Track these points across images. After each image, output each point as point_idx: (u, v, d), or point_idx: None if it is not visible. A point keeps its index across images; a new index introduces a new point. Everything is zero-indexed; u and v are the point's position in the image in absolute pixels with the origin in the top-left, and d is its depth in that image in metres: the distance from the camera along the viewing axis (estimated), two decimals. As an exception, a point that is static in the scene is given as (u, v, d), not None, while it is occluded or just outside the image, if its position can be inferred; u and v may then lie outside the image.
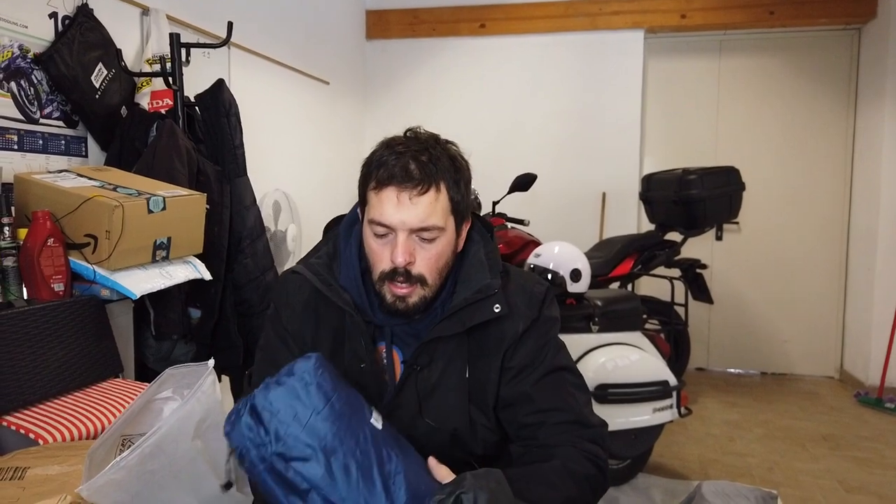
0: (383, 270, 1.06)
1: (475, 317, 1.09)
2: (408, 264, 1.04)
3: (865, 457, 3.29)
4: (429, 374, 1.11)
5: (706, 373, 4.90)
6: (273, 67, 3.64)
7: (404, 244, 1.04)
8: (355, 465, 0.88)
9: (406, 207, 1.03)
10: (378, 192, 1.05)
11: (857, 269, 4.55)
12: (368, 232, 1.08)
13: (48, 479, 1.09)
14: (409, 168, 1.03)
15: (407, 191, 1.02)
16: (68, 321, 1.72)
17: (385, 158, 1.05)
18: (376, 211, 1.05)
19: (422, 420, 1.11)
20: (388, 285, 1.07)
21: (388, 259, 1.05)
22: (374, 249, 1.08)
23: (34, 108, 2.10)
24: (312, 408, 0.89)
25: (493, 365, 1.12)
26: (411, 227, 1.03)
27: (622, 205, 4.72)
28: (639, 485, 2.91)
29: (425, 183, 1.03)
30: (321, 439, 0.88)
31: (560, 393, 1.12)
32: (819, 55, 4.64)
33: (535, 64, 4.80)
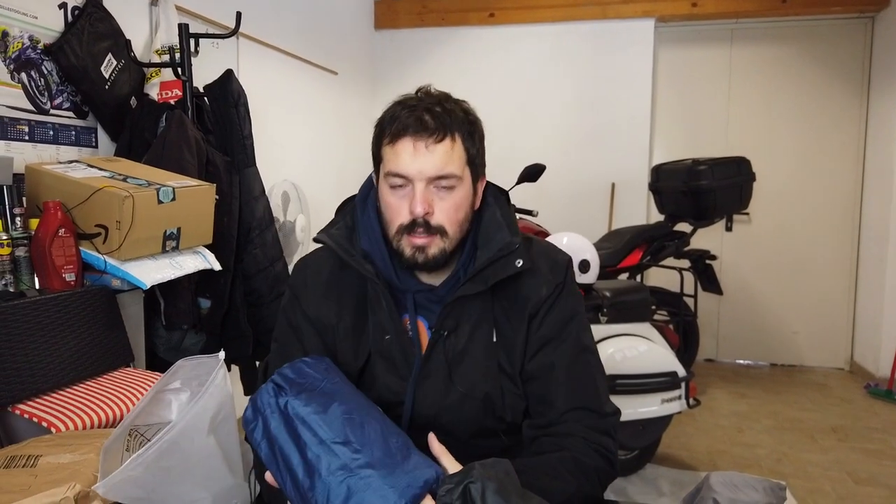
0: (402, 223, 1.05)
1: (498, 273, 1.08)
2: (426, 214, 1.03)
3: (875, 448, 3.28)
4: (456, 339, 1.10)
5: (715, 364, 4.89)
6: (281, 58, 3.64)
7: (422, 194, 1.02)
8: (366, 420, 0.92)
9: (422, 155, 1.02)
10: (393, 145, 1.04)
11: (868, 260, 4.51)
12: (385, 188, 1.06)
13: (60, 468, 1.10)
14: (423, 118, 1.03)
15: (423, 139, 1.02)
16: (79, 311, 1.74)
17: (398, 113, 1.06)
18: (392, 163, 1.04)
19: (453, 387, 1.09)
20: (406, 238, 1.05)
21: (407, 212, 1.04)
22: (391, 204, 1.06)
23: (45, 98, 2.11)
24: (325, 378, 0.96)
25: (519, 329, 1.10)
26: (429, 176, 1.02)
27: (631, 195, 4.70)
28: (647, 475, 2.91)
29: (440, 132, 1.03)
30: (335, 396, 0.94)
31: (581, 374, 1.11)
32: (832, 44, 4.59)
33: (545, 54, 4.78)
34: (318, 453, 0.88)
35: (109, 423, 1.57)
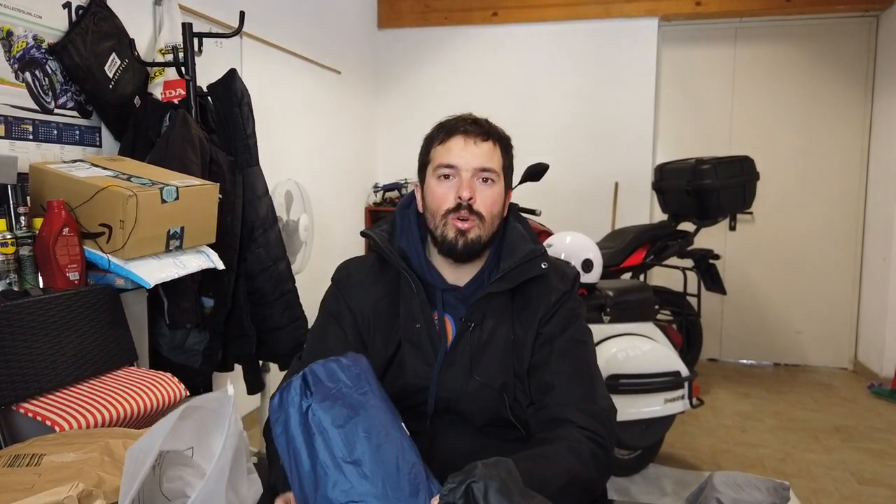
0: (448, 207, 1.19)
1: (525, 273, 1.21)
2: (470, 199, 1.18)
3: (879, 448, 3.27)
4: (480, 331, 1.21)
5: (718, 364, 4.89)
6: (285, 57, 3.64)
7: (468, 181, 1.19)
8: (384, 442, 0.92)
9: (471, 149, 1.20)
10: (444, 143, 1.22)
11: (872, 259, 4.50)
12: (433, 181, 1.22)
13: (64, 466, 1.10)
14: (469, 124, 1.22)
15: (472, 137, 1.20)
16: (83, 310, 1.74)
17: (446, 123, 1.24)
18: (443, 157, 1.21)
19: (472, 377, 1.19)
20: (451, 220, 1.19)
21: (453, 198, 1.19)
22: (438, 194, 1.21)
23: (49, 98, 2.11)
24: (355, 387, 0.97)
25: (530, 328, 1.22)
26: (475, 167, 1.19)
27: (635, 194, 4.69)
28: (650, 475, 2.91)
29: (485, 134, 1.22)
30: (360, 409, 0.94)
31: (576, 363, 1.20)
32: (836, 43, 4.58)
33: (548, 52, 4.77)
34: (327, 468, 0.88)
35: (113, 422, 1.58)
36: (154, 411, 1.72)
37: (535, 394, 1.19)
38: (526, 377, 1.21)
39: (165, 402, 1.75)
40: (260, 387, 2.72)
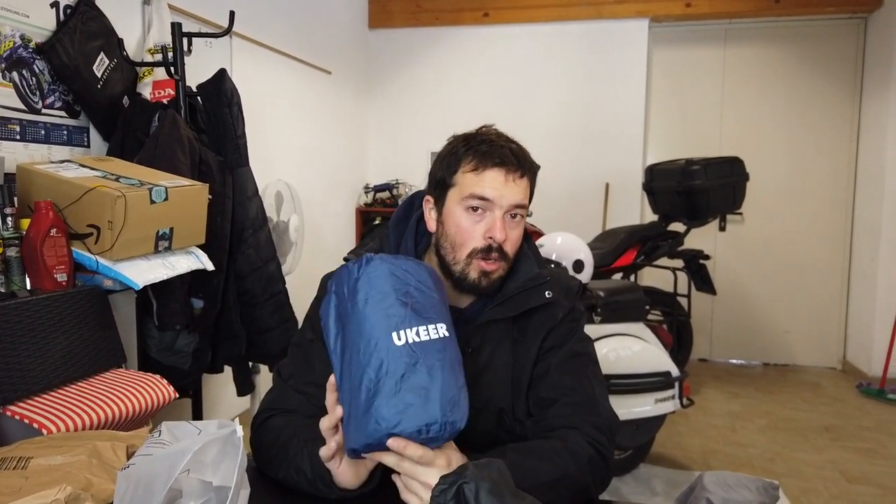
0: (475, 248, 1.11)
1: (529, 301, 1.16)
2: (503, 241, 1.11)
3: (867, 447, 3.30)
4: (478, 356, 1.16)
5: (708, 364, 4.91)
6: (275, 57, 3.63)
7: (503, 221, 1.11)
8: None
9: (510, 186, 1.11)
10: (479, 173, 1.11)
11: (861, 260, 4.54)
12: (458, 211, 1.12)
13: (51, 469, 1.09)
14: (508, 155, 1.12)
15: (511, 172, 1.11)
16: (71, 311, 1.73)
17: (475, 146, 1.13)
18: (477, 187, 1.10)
19: (470, 403, 1.14)
20: (476, 262, 1.12)
21: (481, 236, 1.11)
22: (464, 228, 1.12)
23: (36, 97, 2.10)
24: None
25: (531, 349, 1.18)
26: (510, 204, 1.11)
27: (625, 195, 4.71)
28: (640, 475, 2.92)
29: (522, 168, 1.13)
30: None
31: (577, 376, 1.16)
32: (824, 44, 4.61)
33: (539, 53, 4.78)
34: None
35: (101, 425, 1.57)
36: (143, 413, 1.71)
37: (534, 408, 1.16)
38: (525, 395, 1.18)
39: (154, 404, 1.74)
40: (250, 388, 2.71)
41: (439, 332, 0.89)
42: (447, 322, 0.91)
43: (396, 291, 0.89)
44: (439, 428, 0.85)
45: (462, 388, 0.90)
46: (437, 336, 0.89)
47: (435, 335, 0.89)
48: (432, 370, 0.86)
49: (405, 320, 0.88)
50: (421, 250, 1.22)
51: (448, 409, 0.86)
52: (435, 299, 0.92)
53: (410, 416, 0.85)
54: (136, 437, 1.23)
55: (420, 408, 0.85)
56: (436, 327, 0.89)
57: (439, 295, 0.93)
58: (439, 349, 0.88)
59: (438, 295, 0.93)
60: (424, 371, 0.86)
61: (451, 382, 0.87)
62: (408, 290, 0.90)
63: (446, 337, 0.90)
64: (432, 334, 0.88)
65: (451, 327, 0.93)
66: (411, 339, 0.87)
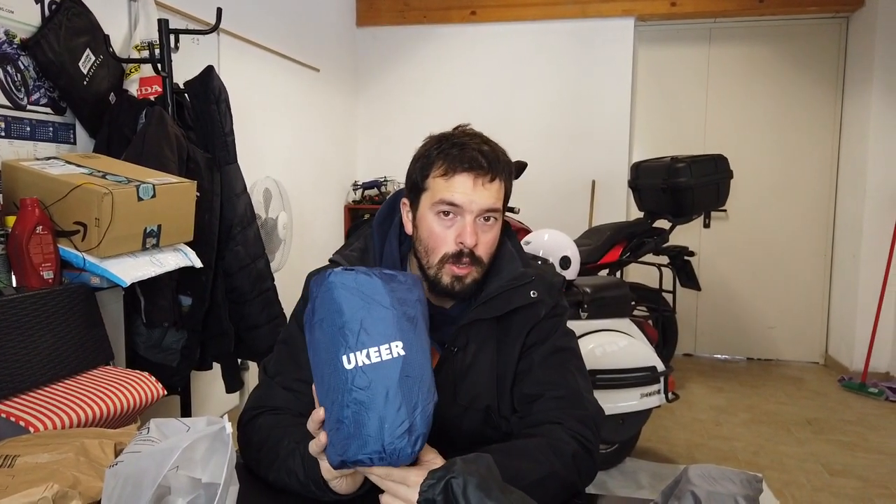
0: (447, 253, 1.11)
1: (513, 301, 1.16)
2: (473, 246, 1.10)
3: (849, 440, 3.35)
4: (464, 356, 1.17)
5: (693, 358, 4.95)
6: (263, 54, 3.62)
7: (473, 226, 1.10)
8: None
9: (479, 191, 1.09)
10: (449, 178, 1.10)
11: (843, 256, 4.59)
12: (430, 216, 1.12)
13: (38, 467, 1.09)
14: (478, 159, 1.10)
15: (480, 177, 1.10)
16: (58, 309, 1.72)
17: (447, 149, 1.12)
18: (447, 193, 1.10)
19: (456, 401, 1.17)
20: (448, 266, 1.11)
21: (452, 241, 1.11)
22: (436, 233, 1.12)
23: (21, 94, 2.08)
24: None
25: (515, 346, 1.18)
26: (480, 209, 1.10)
27: (611, 192, 4.74)
28: (626, 469, 2.95)
29: (493, 171, 1.11)
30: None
31: (561, 370, 1.17)
32: (807, 43, 4.66)
33: (526, 51, 4.80)
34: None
35: (89, 422, 1.56)
36: (131, 411, 1.70)
37: (519, 404, 1.17)
38: (510, 392, 1.18)
39: (142, 402, 1.74)
40: (238, 385, 2.71)
41: (393, 352, 0.86)
42: (406, 337, 0.88)
43: (349, 311, 0.87)
44: (393, 452, 0.84)
45: (424, 403, 0.87)
46: (391, 356, 0.86)
47: (388, 355, 0.86)
48: (382, 394, 0.84)
49: (355, 343, 0.86)
50: (405, 250, 1.22)
51: (397, 435, 0.84)
52: (393, 314, 0.88)
53: (358, 443, 0.84)
54: (124, 434, 1.23)
55: (367, 435, 0.84)
56: (388, 347, 0.86)
57: (399, 309, 0.89)
58: (392, 370, 0.86)
59: (397, 310, 0.89)
60: (374, 395, 0.84)
61: (406, 402, 0.85)
62: (361, 308, 0.88)
63: (401, 356, 0.86)
64: (384, 355, 0.86)
65: (419, 336, 0.90)
66: (361, 361, 0.85)
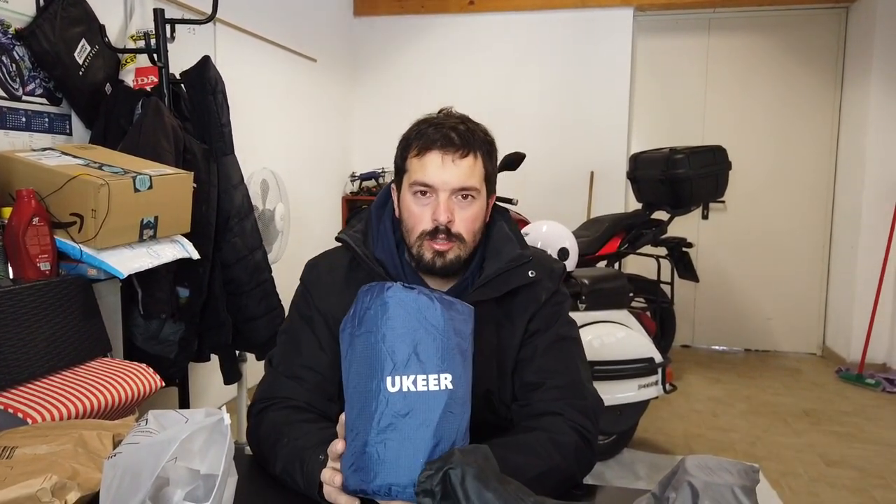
0: (424, 230, 1.12)
1: (511, 281, 1.16)
2: (448, 222, 1.10)
3: (846, 431, 3.36)
4: None
5: (691, 350, 4.97)
6: (260, 44, 3.60)
7: (445, 203, 1.10)
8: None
9: (449, 168, 1.10)
10: (421, 158, 1.11)
11: (841, 247, 4.60)
12: (408, 197, 1.13)
13: (36, 459, 1.09)
14: (450, 136, 1.10)
15: (450, 154, 1.10)
16: (55, 301, 1.72)
17: (424, 129, 1.13)
18: (419, 173, 1.11)
19: None
20: (427, 243, 1.12)
21: (429, 219, 1.11)
22: (414, 212, 1.13)
23: (16, 84, 2.07)
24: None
25: (516, 331, 1.18)
26: (453, 187, 1.10)
27: (610, 184, 4.73)
28: (624, 460, 2.96)
29: (465, 148, 1.11)
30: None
31: (562, 359, 1.17)
32: (807, 34, 4.65)
33: (524, 42, 4.78)
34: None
35: (87, 414, 1.56)
36: (129, 402, 1.70)
37: (520, 391, 1.17)
38: (510, 377, 1.18)
39: (140, 393, 1.74)
40: (237, 377, 2.71)
41: (441, 384, 0.83)
42: (456, 371, 0.85)
43: (404, 331, 0.84)
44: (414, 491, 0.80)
45: (461, 441, 0.85)
46: (438, 388, 0.83)
47: (435, 386, 0.83)
48: (423, 425, 0.81)
49: (404, 366, 0.83)
50: (399, 236, 1.21)
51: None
52: (448, 344, 0.85)
53: (386, 473, 0.81)
54: (123, 426, 1.23)
55: (399, 466, 0.81)
56: (437, 378, 0.83)
57: (454, 339, 0.86)
58: (438, 402, 0.82)
59: (452, 339, 0.86)
60: (414, 425, 0.81)
61: (445, 440, 0.82)
62: (416, 330, 0.84)
63: (448, 390, 0.83)
64: (432, 385, 0.83)
65: (466, 372, 0.87)
66: (406, 387, 0.82)
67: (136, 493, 0.81)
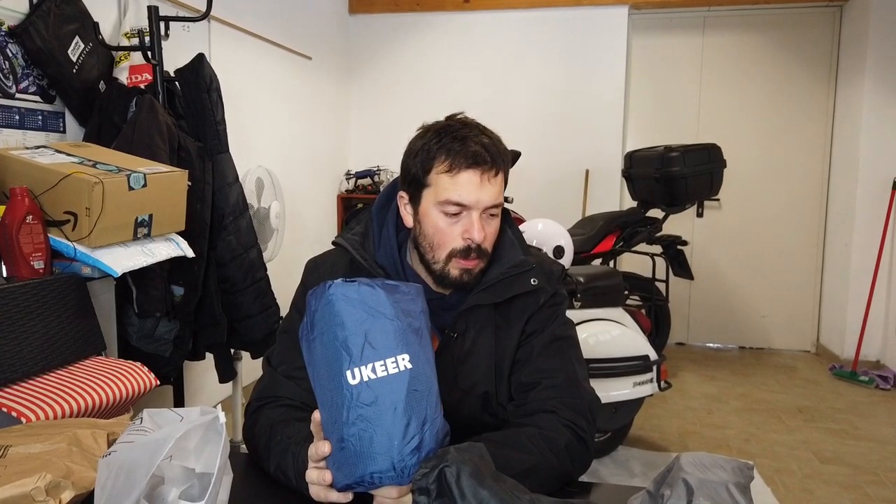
0: (454, 248, 1.11)
1: (514, 288, 1.16)
2: (481, 241, 1.11)
3: (839, 428, 3.38)
4: (463, 341, 1.17)
5: (686, 347, 4.98)
6: (254, 42, 3.59)
7: (479, 223, 1.10)
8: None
9: (486, 188, 1.09)
10: (453, 176, 1.09)
11: (835, 245, 4.61)
12: (435, 213, 1.12)
13: (31, 458, 1.09)
14: (481, 153, 1.09)
15: (486, 173, 1.10)
16: (49, 299, 1.71)
17: (448, 144, 1.10)
18: (452, 192, 1.09)
19: (455, 386, 1.17)
20: (456, 262, 1.12)
21: (459, 237, 1.11)
22: (442, 229, 1.12)
23: (10, 82, 2.06)
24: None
25: (514, 334, 1.18)
26: (486, 206, 1.10)
27: (605, 182, 4.74)
28: (619, 457, 2.96)
29: (496, 165, 1.11)
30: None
31: (559, 359, 1.17)
32: (801, 32, 4.66)
33: (519, 40, 4.78)
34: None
35: (81, 413, 1.56)
36: (124, 401, 1.70)
37: (516, 392, 1.17)
38: (507, 379, 1.18)
39: (135, 392, 1.74)
40: (232, 375, 2.70)
41: (400, 366, 0.84)
42: (413, 350, 0.86)
43: (352, 323, 0.85)
44: (404, 469, 0.83)
45: (433, 418, 0.86)
46: (398, 370, 0.84)
47: (394, 369, 0.84)
48: (390, 409, 0.83)
49: (360, 357, 0.83)
50: (402, 238, 1.21)
51: (408, 452, 0.83)
52: (398, 326, 0.86)
53: (365, 462, 0.82)
54: (117, 424, 1.23)
55: (375, 453, 0.82)
56: (395, 360, 0.84)
57: (404, 320, 0.87)
58: (400, 383, 0.84)
59: (402, 321, 0.87)
60: (382, 410, 0.82)
61: (416, 418, 0.84)
62: (364, 321, 0.85)
63: (408, 369, 0.84)
64: (391, 369, 0.84)
65: (425, 349, 0.88)
66: (366, 376, 0.83)
67: (130, 491, 0.81)
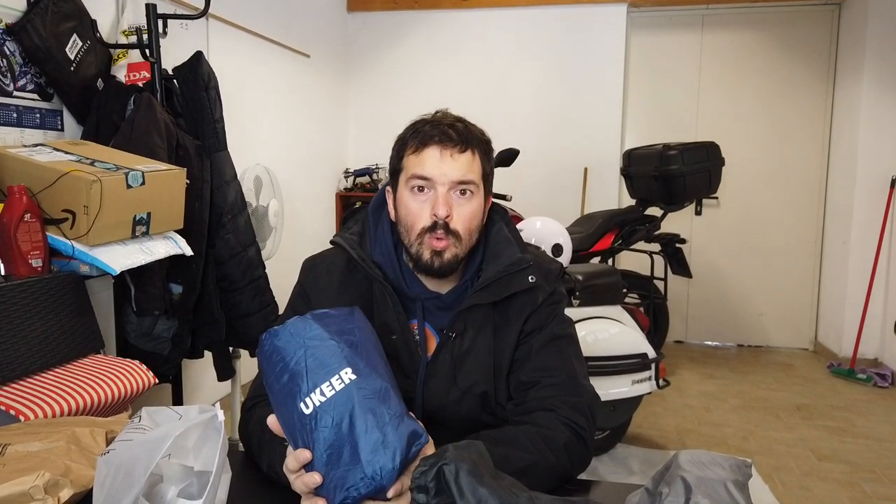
0: (423, 226, 1.11)
1: (512, 286, 1.15)
2: (447, 217, 1.10)
3: (837, 426, 3.38)
4: (462, 341, 1.17)
5: (684, 345, 4.98)
6: (253, 40, 3.58)
7: (445, 197, 1.10)
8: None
9: (447, 161, 1.10)
10: (419, 153, 1.11)
11: (833, 243, 4.62)
12: (406, 193, 1.13)
13: (29, 456, 1.09)
14: (448, 132, 1.11)
15: (448, 148, 1.10)
16: (48, 297, 1.71)
17: (420, 127, 1.13)
18: (417, 167, 1.11)
19: (455, 385, 1.17)
20: (427, 239, 1.11)
21: (428, 215, 1.10)
22: (412, 209, 1.12)
23: (7, 80, 2.05)
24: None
25: (512, 333, 1.18)
26: (451, 180, 1.10)
27: (604, 180, 4.74)
28: (617, 455, 2.97)
29: (463, 144, 1.11)
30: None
31: (558, 357, 1.17)
32: (800, 31, 4.66)
33: (518, 37, 4.77)
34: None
35: (80, 411, 1.56)
36: (122, 399, 1.70)
37: (515, 391, 1.17)
38: (506, 378, 1.18)
39: (134, 390, 1.74)
40: (230, 373, 2.70)
41: (344, 380, 0.86)
42: (353, 362, 0.87)
43: (291, 359, 0.87)
44: (375, 472, 0.84)
45: (392, 414, 0.86)
46: (343, 384, 0.86)
47: (340, 385, 0.86)
48: (348, 422, 0.84)
49: (307, 387, 0.86)
50: (397, 238, 1.21)
51: (372, 450, 0.84)
52: (333, 346, 0.88)
53: (342, 481, 0.84)
54: (116, 422, 1.23)
55: (346, 469, 0.84)
56: (339, 377, 0.86)
57: (338, 340, 0.89)
58: (349, 396, 0.85)
59: (337, 341, 0.89)
60: (343, 427, 0.84)
61: (375, 419, 0.85)
62: (302, 353, 0.88)
63: (353, 380, 0.86)
64: (337, 386, 0.86)
65: (368, 357, 0.89)
66: (318, 401, 0.85)
67: (129, 490, 0.81)
